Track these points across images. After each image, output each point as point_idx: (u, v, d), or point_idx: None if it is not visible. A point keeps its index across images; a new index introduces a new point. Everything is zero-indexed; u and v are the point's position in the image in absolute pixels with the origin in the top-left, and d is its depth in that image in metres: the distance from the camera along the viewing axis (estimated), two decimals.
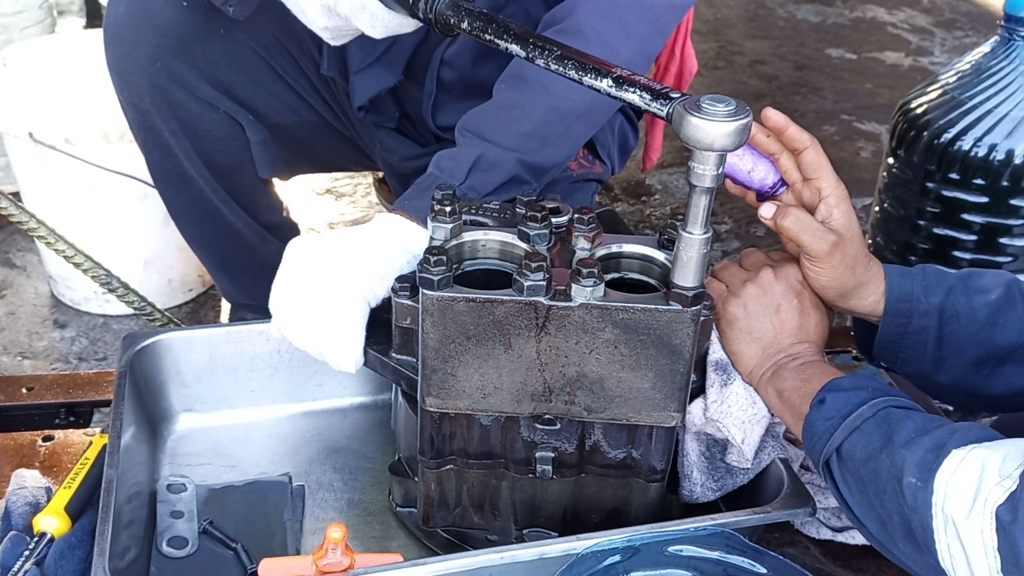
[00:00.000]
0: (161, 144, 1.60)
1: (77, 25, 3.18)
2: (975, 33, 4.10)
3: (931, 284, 1.17)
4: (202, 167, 1.62)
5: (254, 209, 1.72)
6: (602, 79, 0.98)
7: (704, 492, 1.19)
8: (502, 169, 1.28)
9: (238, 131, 1.63)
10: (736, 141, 0.90)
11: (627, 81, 0.97)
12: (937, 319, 1.15)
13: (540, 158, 1.31)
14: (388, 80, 1.59)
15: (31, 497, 1.21)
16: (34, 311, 2.29)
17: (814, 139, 1.15)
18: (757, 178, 1.18)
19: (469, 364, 1.05)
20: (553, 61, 1.01)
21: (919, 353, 1.17)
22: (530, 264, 1.01)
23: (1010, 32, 1.73)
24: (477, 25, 1.06)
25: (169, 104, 1.55)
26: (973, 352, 1.15)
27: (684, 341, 1.03)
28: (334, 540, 1.02)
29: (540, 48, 1.02)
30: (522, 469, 1.13)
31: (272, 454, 1.36)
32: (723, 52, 3.87)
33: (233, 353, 1.37)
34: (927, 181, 1.78)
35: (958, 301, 1.15)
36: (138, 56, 1.51)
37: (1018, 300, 1.15)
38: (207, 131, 1.60)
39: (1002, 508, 0.85)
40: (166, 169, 1.64)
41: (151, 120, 1.57)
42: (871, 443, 0.99)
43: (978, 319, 1.14)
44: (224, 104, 1.58)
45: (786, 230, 1.13)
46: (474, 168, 1.27)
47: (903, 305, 1.16)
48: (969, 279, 1.17)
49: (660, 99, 0.95)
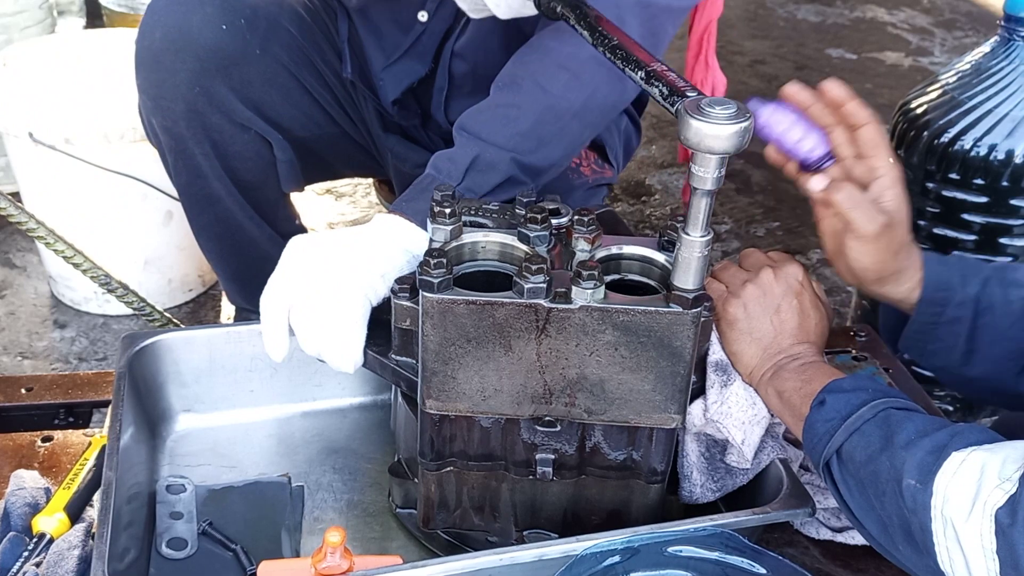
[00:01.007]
0: (192, 167, 1.60)
1: (77, 25, 3.18)
2: (975, 33, 4.10)
3: (969, 274, 1.14)
4: (231, 185, 1.63)
5: (274, 221, 1.72)
6: (638, 71, 1.01)
7: (704, 493, 1.19)
8: (498, 170, 1.28)
9: (266, 150, 1.63)
10: (736, 145, 0.90)
11: (656, 76, 0.99)
12: (972, 310, 1.13)
13: (536, 158, 1.31)
14: (418, 71, 1.59)
15: (30, 498, 1.21)
16: (34, 311, 2.30)
17: (875, 115, 1.11)
18: (805, 148, 1.13)
19: (469, 366, 1.05)
20: (608, 51, 1.06)
21: (950, 344, 1.15)
22: (531, 266, 1.01)
23: (1010, 32, 1.72)
24: (566, 11, 1.12)
25: (204, 128, 1.55)
26: (1006, 346, 1.13)
27: (685, 343, 1.03)
28: (332, 544, 1.02)
29: (602, 37, 1.07)
30: (522, 471, 1.13)
31: (272, 454, 1.36)
32: (723, 52, 3.87)
33: (233, 353, 1.37)
34: (927, 181, 1.78)
35: (994, 293, 1.13)
36: (176, 82, 1.51)
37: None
38: (238, 152, 1.60)
39: (1001, 511, 0.85)
40: (194, 190, 1.64)
41: (184, 144, 1.57)
42: (871, 445, 0.99)
43: (1013, 312, 1.12)
44: (256, 125, 1.59)
45: (838, 204, 1.09)
46: (471, 169, 1.27)
47: (939, 294, 1.13)
48: (1006, 271, 1.15)
49: (673, 96, 0.95)
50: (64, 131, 1.99)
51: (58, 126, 1.99)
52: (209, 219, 1.69)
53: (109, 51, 2.23)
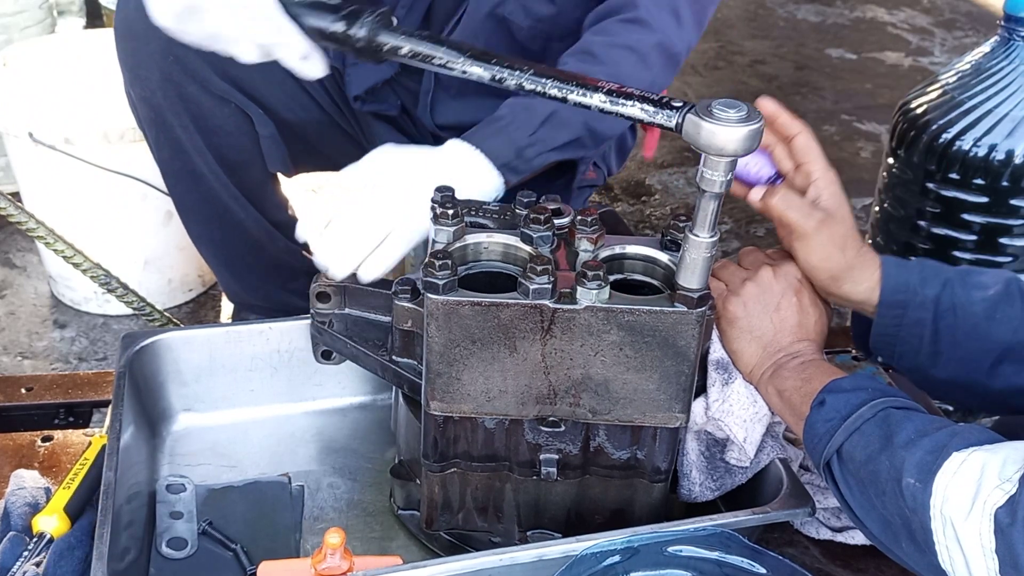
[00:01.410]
0: (172, 140, 1.60)
1: (77, 25, 3.18)
2: (975, 33, 4.10)
3: (928, 277, 1.16)
4: (213, 163, 1.62)
5: (262, 206, 1.71)
6: (592, 95, 0.96)
7: (703, 491, 1.19)
8: (570, 128, 1.31)
9: (248, 126, 1.62)
10: (749, 146, 0.90)
11: (621, 94, 0.96)
12: (933, 311, 1.14)
13: (603, 126, 1.35)
14: (384, 72, 1.60)
15: (30, 497, 1.20)
16: (34, 311, 2.29)
17: (806, 126, 1.15)
18: (754, 171, 1.18)
19: (474, 368, 1.05)
20: (527, 81, 0.99)
21: (915, 347, 1.16)
22: (535, 267, 1.01)
23: (1010, 32, 1.73)
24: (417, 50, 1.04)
25: (181, 98, 1.55)
26: (969, 347, 1.14)
27: (689, 342, 1.03)
28: (332, 546, 1.02)
29: (510, 68, 1.01)
30: (526, 471, 1.13)
31: (272, 454, 1.36)
32: (723, 52, 3.87)
33: (233, 353, 1.36)
34: (927, 181, 1.78)
35: (956, 295, 1.14)
36: (150, 50, 1.51)
37: (1016, 298, 1.14)
38: (218, 126, 1.59)
39: (1001, 511, 0.85)
40: (176, 166, 1.64)
41: (163, 115, 1.57)
42: (871, 444, 0.99)
43: (975, 313, 1.14)
44: (235, 97, 1.58)
45: (773, 207, 1.13)
46: (546, 122, 1.29)
47: (899, 296, 1.15)
48: (968, 275, 1.17)
49: (665, 109, 0.94)
50: (64, 131, 1.98)
51: (58, 126, 1.99)
52: (195, 199, 1.67)
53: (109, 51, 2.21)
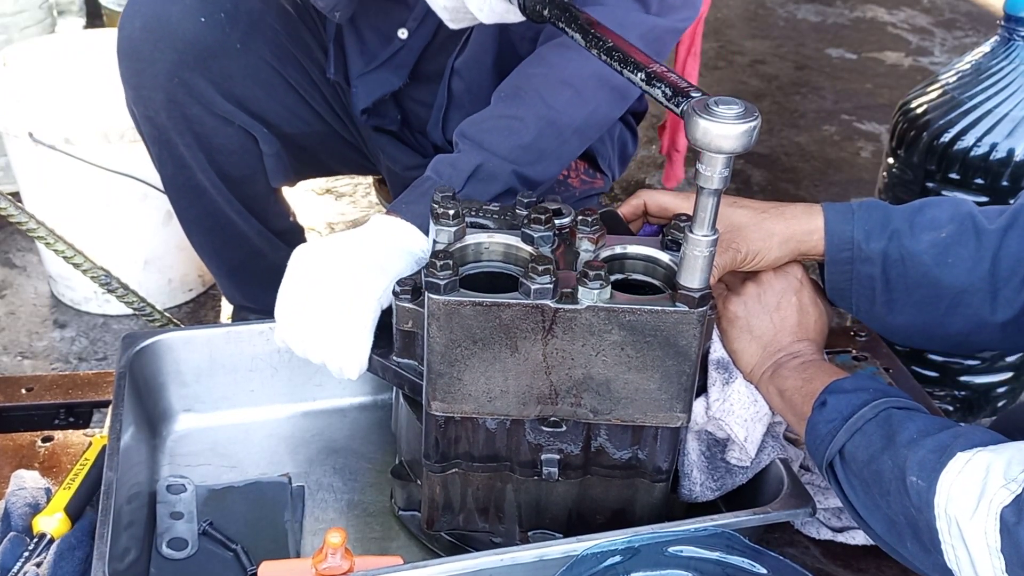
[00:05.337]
0: (176, 157, 1.60)
1: (77, 25, 3.18)
2: (975, 33, 4.10)
3: (873, 228, 1.14)
4: (216, 179, 1.62)
5: (264, 217, 1.72)
6: (637, 73, 1.01)
7: (703, 491, 1.19)
8: (499, 180, 1.29)
9: (251, 144, 1.63)
10: (744, 144, 0.90)
11: (657, 77, 0.98)
12: (881, 265, 1.14)
13: (535, 171, 1.32)
14: (393, 83, 1.60)
15: (31, 498, 1.20)
16: (34, 311, 2.29)
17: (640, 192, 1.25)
18: None
19: (475, 368, 1.05)
20: (603, 53, 1.05)
21: (868, 297, 1.16)
22: (537, 267, 1.00)
23: (1010, 32, 1.73)
24: (555, 13, 1.11)
25: (185, 118, 1.55)
26: (923, 294, 1.14)
27: (690, 342, 1.03)
28: (333, 545, 1.02)
29: (596, 40, 1.06)
30: (527, 471, 1.12)
31: (272, 454, 1.36)
32: (723, 52, 3.87)
33: (233, 353, 1.36)
34: (927, 181, 1.78)
35: (903, 245, 1.13)
36: (155, 71, 1.51)
37: (970, 236, 1.13)
38: (222, 145, 1.59)
39: (1007, 510, 0.85)
40: (179, 182, 1.64)
41: (167, 134, 1.57)
42: (873, 444, 0.99)
43: (925, 263, 1.13)
44: (239, 118, 1.58)
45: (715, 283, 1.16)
46: (472, 177, 1.28)
47: (843, 253, 1.14)
48: (919, 214, 1.15)
49: (678, 96, 0.95)
50: (64, 131, 1.98)
51: (58, 126, 1.99)
52: (198, 213, 1.68)
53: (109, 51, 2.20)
